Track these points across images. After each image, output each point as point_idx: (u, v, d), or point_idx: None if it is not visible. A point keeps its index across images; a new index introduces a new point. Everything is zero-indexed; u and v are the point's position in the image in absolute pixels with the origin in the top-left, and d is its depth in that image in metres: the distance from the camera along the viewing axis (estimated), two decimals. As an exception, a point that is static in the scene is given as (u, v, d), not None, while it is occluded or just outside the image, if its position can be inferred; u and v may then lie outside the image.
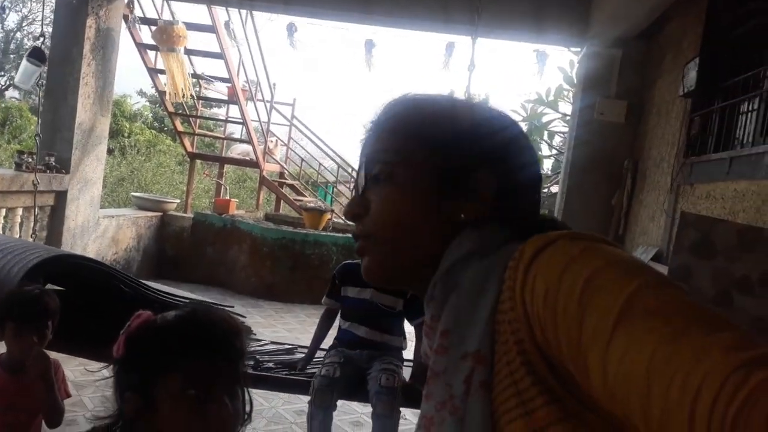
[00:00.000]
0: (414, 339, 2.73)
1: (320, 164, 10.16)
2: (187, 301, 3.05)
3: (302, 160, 10.12)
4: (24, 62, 4.15)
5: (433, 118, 0.71)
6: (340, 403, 2.62)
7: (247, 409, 1.06)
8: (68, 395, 2.16)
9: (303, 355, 2.89)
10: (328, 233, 6.92)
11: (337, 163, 10.37)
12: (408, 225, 0.68)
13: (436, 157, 0.68)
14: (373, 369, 2.51)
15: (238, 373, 1.04)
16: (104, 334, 2.53)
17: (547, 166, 9.77)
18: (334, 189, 10.67)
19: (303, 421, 3.42)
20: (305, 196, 9.22)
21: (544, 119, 9.16)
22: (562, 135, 9.05)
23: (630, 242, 4.54)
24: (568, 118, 8.70)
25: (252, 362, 2.77)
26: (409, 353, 2.85)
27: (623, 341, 0.46)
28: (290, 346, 3.25)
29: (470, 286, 0.62)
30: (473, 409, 0.57)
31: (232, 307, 3.42)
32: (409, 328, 2.79)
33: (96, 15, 5.37)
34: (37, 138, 4.22)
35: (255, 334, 3.38)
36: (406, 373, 2.70)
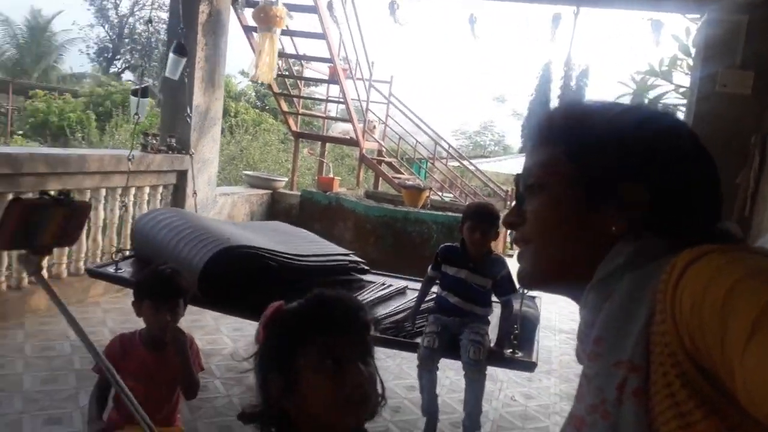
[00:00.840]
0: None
1: (416, 141, 10.20)
2: (323, 257, 3.59)
3: (399, 137, 10.21)
4: (170, 56, 4.60)
5: (581, 129, 0.72)
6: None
7: (380, 389, 1.13)
8: (202, 368, 2.34)
9: (413, 299, 3.40)
10: (428, 211, 6.97)
11: (432, 138, 10.38)
12: (559, 234, 0.70)
13: (583, 168, 0.69)
14: (463, 336, 2.94)
15: (367, 343, 1.13)
16: (258, 299, 2.96)
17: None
18: (429, 164, 10.70)
19: (413, 397, 3.57)
20: (402, 174, 9.31)
21: (656, 92, 8.67)
22: (675, 108, 8.55)
23: (757, 226, 4.26)
24: (682, 89, 8.19)
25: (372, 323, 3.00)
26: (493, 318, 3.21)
27: (757, 350, 0.47)
28: (402, 286, 3.90)
29: (624, 297, 0.63)
30: (626, 415, 0.59)
31: (352, 253, 4.03)
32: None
33: (208, 0, 5.64)
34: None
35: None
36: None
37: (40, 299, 4.19)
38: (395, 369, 4.07)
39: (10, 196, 3.92)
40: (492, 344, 2.99)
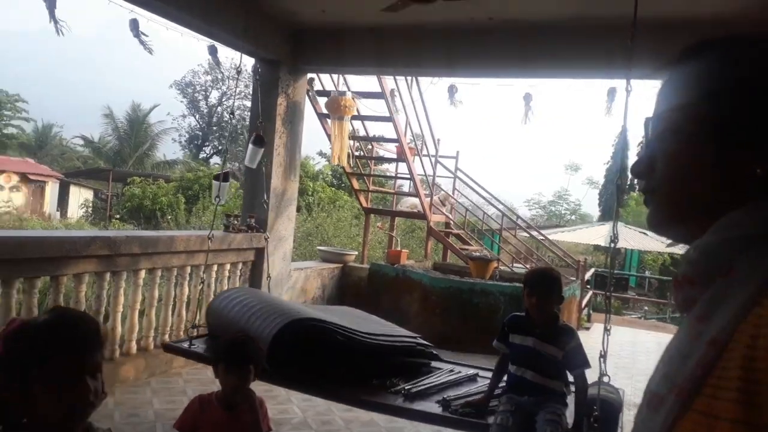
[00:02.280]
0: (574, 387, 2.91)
1: (484, 213, 10.35)
2: (386, 339, 3.56)
3: (466, 210, 10.41)
4: (250, 146, 5.14)
5: (719, 66, 0.67)
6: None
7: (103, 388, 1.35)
8: (270, 429, 2.55)
9: (485, 384, 3.26)
10: (495, 282, 7.04)
11: (500, 210, 10.51)
12: (691, 180, 0.66)
13: (723, 111, 0.64)
14: (539, 417, 2.75)
15: (98, 360, 1.31)
16: (324, 371, 3.11)
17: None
18: (500, 237, 10.77)
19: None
20: (471, 245, 9.45)
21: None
22: None
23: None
24: None
25: (441, 402, 3.12)
26: (570, 401, 2.96)
27: None
28: (473, 373, 3.64)
29: (745, 277, 0.57)
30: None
31: (419, 336, 3.91)
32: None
33: (285, 93, 6.21)
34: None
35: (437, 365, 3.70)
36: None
37: (129, 370, 4.58)
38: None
39: (108, 276, 4.41)
40: (570, 427, 2.77)
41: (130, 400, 4.20)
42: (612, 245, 3.47)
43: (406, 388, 3.25)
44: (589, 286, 11.12)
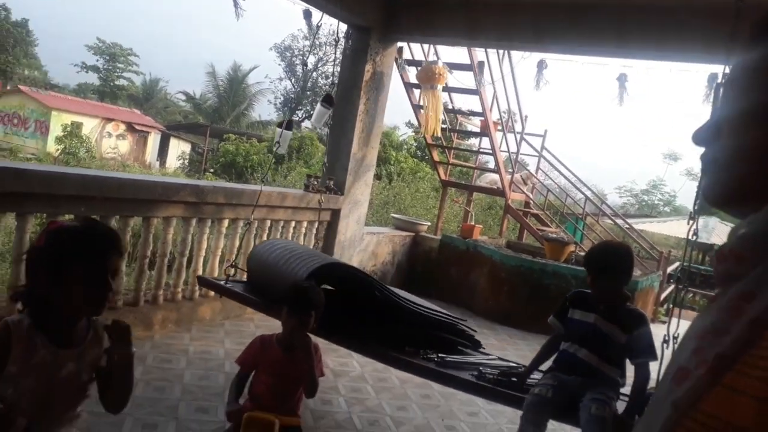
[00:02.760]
0: (634, 376, 2.72)
1: (567, 195, 10.10)
2: (427, 311, 3.55)
3: (548, 191, 10.19)
4: (318, 106, 5.18)
5: None
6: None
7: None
8: (323, 374, 2.70)
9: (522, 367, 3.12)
10: (569, 265, 6.92)
11: (585, 195, 10.22)
12: (758, 157, 0.61)
13: None
14: (585, 398, 2.56)
15: (117, 266, 1.65)
16: (358, 327, 3.18)
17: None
18: (585, 223, 10.50)
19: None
20: (550, 227, 9.28)
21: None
22: None
23: None
24: None
25: (476, 373, 3.11)
26: (627, 389, 2.82)
27: None
28: (515, 365, 3.40)
29: None
30: None
31: (465, 320, 3.84)
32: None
33: (373, 61, 6.30)
34: (324, 166, 5.19)
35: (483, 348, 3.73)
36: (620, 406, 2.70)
37: (206, 310, 4.93)
38: (511, 414, 4.15)
39: (194, 222, 4.73)
40: (620, 412, 2.58)
41: (204, 338, 4.54)
42: (692, 236, 3.33)
43: (439, 355, 3.18)
44: (672, 280, 10.66)
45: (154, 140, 29.10)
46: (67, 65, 41.97)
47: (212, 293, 5.03)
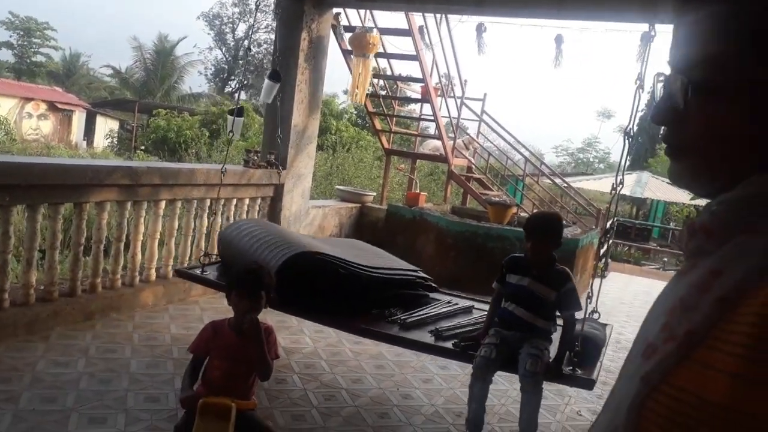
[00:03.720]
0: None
1: (508, 159, 10.24)
2: (386, 273, 3.75)
3: (489, 154, 10.30)
4: (266, 81, 5.07)
5: (754, 5, 0.59)
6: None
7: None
8: (277, 356, 2.64)
9: (478, 317, 3.57)
10: (512, 227, 7.04)
11: (524, 156, 10.39)
12: (725, 139, 0.60)
13: (756, 58, 0.58)
14: (522, 351, 2.94)
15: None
16: (329, 302, 3.36)
17: None
18: (524, 183, 10.69)
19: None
20: (492, 190, 9.40)
21: None
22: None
23: None
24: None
25: (433, 333, 3.33)
26: (555, 338, 3.17)
27: None
28: (468, 305, 3.92)
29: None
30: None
31: (419, 270, 4.10)
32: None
33: (309, 28, 6.10)
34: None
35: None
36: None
37: (148, 295, 4.75)
38: (463, 378, 4.22)
39: (129, 205, 4.52)
40: (551, 360, 2.97)
41: (148, 324, 4.37)
42: (612, 206, 3.45)
43: (402, 318, 3.44)
44: (606, 236, 11.05)
45: (79, 119, 27.66)
46: (-24, 42, 39.15)
47: (153, 278, 4.87)
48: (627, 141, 3.32)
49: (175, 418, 2.89)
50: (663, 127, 0.68)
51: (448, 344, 3.23)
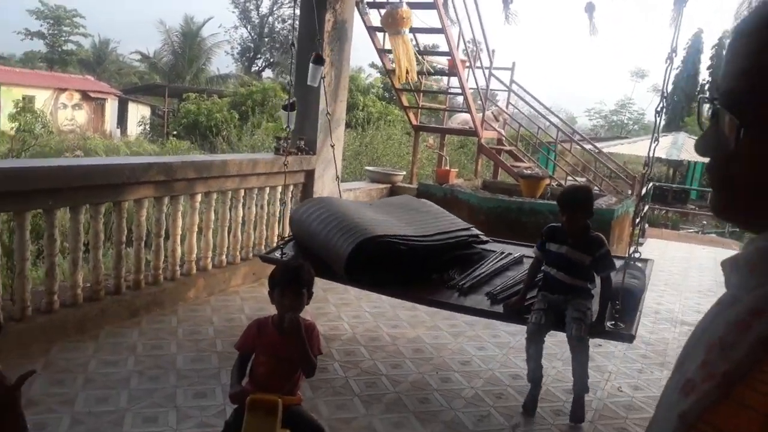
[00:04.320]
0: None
1: (539, 128, 10.07)
2: (446, 235, 4.08)
3: (520, 125, 10.14)
4: (311, 66, 5.24)
5: None
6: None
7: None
8: (320, 352, 2.69)
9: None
10: (545, 201, 6.97)
11: (553, 123, 10.21)
12: None
13: None
14: (567, 314, 3.29)
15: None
16: (393, 276, 3.78)
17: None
18: (555, 152, 10.53)
19: (517, 385, 3.78)
20: (523, 162, 9.29)
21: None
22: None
23: None
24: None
25: (488, 295, 3.71)
26: (596, 293, 3.46)
27: None
28: (519, 256, 4.26)
29: None
30: None
31: (470, 227, 4.43)
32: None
33: (333, 9, 6.05)
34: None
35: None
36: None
37: (189, 289, 4.88)
38: (502, 358, 4.26)
39: (166, 200, 4.62)
40: (593, 318, 3.29)
41: (191, 318, 4.50)
42: (646, 173, 3.51)
43: (459, 284, 3.79)
44: (644, 201, 10.85)
45: (111, 107, 28.15)
46: (9, 33, 40.00)
47: (194, 270, 4.99)
48: (657, 117, 3.53)
49: (224, 413, 2.99)
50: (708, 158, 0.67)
51: (501, 308, 3.58)
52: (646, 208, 10.26)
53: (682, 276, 7.58)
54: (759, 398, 0.51)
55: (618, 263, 3.57)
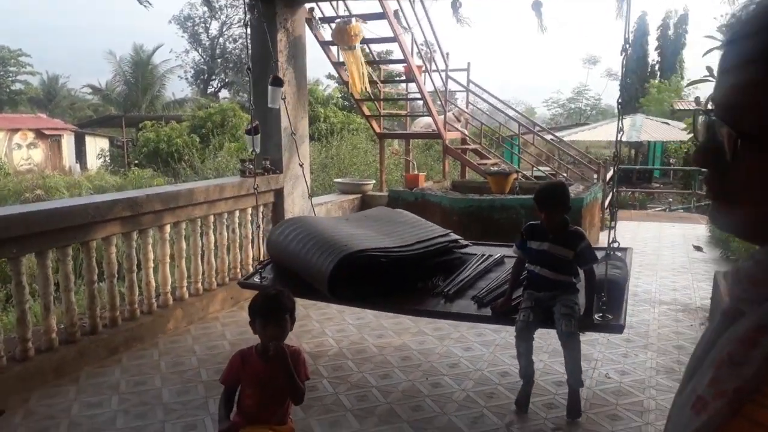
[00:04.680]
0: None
1: (501, 124, 10.18)
2: (423, 248, 4.01)
3: (482, 123, 10.25)
4: (270, 88, 5.21)
5: None
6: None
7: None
8: (308, 378, 2.65)
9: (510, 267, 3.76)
10: (515, 196, 7.05)
11: (511, 117, 10.34)
12: None
13: None
14: (556, 310, 3.29)
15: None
16: (377, 289, 3.79)
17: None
18: (519, 146, 10.66)
19: (507, 383, 3.79)
20: (489, 159, 9.38)
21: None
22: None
23: None
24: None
25: (475, 299, 3.69)
26: (581, 287, 3.49)
27: None
28: (499, 257, 4.24)
29: None
30: None
31: (449, 232, 4.44)
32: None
33: (284, 28, 6.05)
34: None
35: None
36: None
37: (168, 320, 4.80)
38: (489, 357, 4.28)
39: (135, 234, 4.53)
40: (581, 312, 3.32)
41: (173, 349, 4.42)
42: (615, 161, 3.51)
43: (445, 290, 3.79)
44: (611, 183, 11.05)
45: (68, 142, 27.54)
46: (-47, 78, 38.81)
47: (170, 301, 4.90)
48: (619, 112, 3.58)
49: (216, 445, 2.93)
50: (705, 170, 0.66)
51: (489, 311, 3.58)
52: (616, 199, 10.46)
53: (656, 255, 7.72)
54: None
55: (599, 254, 3.58)
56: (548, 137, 11.56)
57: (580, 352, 3.34)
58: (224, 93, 37.25)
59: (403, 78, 8.88)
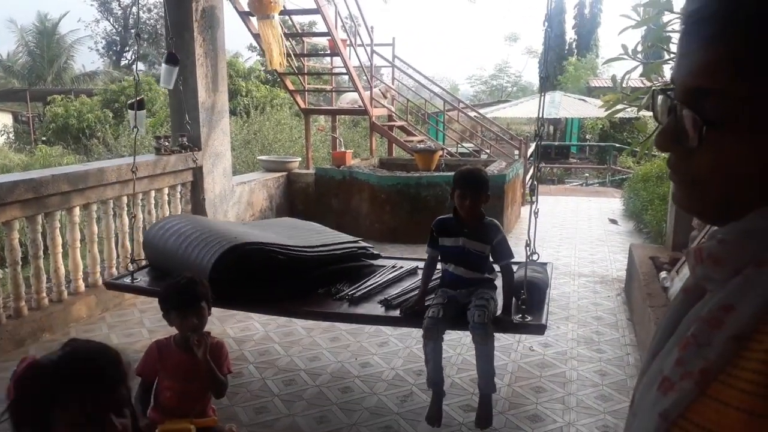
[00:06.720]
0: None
1: (426, 101, 10.20)
2: (327, 250, 3.67)
3: (407, 100, 10.23)
4: (163, 66, 4.73)
5: None
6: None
7: (139, 424, 1.34)
8: (230, 371, 2.54)
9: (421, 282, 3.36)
10: (441, 173, 7.09)
11: (436, 94, 10.39)
12: (743, 175, 0.57)
13: None
14: (470, 304, 2.99)
15: (120, 395, 1.25)
16: (270, 291, 3.30)
17: (667, 74, 9.08)
18: (444, 122, 10.73)
19: (422, 383, 3.79)
20: (415, 136, 9.38)
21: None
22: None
23: None
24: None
25: (383, 303, 3.36)
26: (499, 284, 3.19)
27: None
28: (412, 267, 3.89)
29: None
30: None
31: (358, 240, 4.06)
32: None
33: (200, -3, 5.72)
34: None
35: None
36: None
37: (80, 308, 4.51)
38: (417, 334, 4.28)
39: (40, 218, 4.21)
40: (500, 312, 3.02)
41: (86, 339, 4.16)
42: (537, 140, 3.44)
43: (349, 293, 3.43)
44: (531, 159, 11.35)
45: (-35, 117, 25.45)
46: None
47: (82, 288, 4.61)
48: (541, 98, 3.17)
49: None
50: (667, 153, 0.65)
51: (398, 313, 3.25)
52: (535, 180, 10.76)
53: (574, 228, 8.00)
54: (736, 394, 0.52)
55: (515, 268, 3.23)
56: (472, 114, 11.72)
57: (493, 353, 2.99)
58: (140, 66, 35.44)
59: (328, 52, 8.68)
